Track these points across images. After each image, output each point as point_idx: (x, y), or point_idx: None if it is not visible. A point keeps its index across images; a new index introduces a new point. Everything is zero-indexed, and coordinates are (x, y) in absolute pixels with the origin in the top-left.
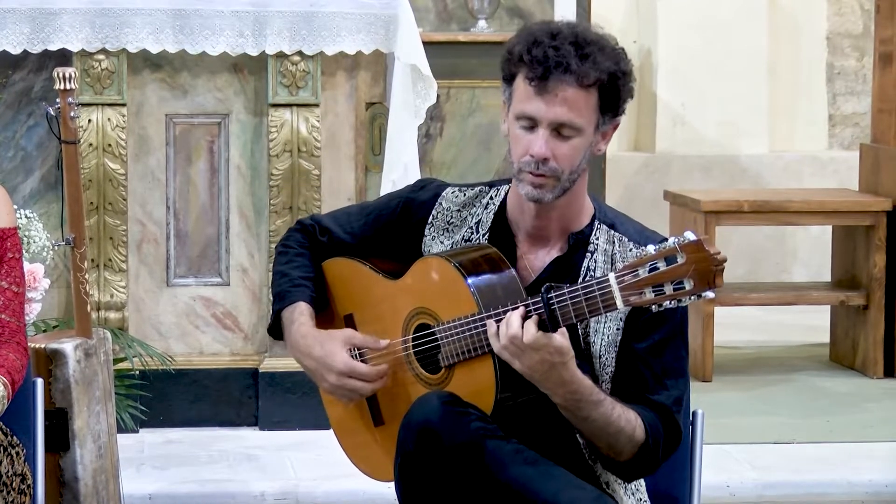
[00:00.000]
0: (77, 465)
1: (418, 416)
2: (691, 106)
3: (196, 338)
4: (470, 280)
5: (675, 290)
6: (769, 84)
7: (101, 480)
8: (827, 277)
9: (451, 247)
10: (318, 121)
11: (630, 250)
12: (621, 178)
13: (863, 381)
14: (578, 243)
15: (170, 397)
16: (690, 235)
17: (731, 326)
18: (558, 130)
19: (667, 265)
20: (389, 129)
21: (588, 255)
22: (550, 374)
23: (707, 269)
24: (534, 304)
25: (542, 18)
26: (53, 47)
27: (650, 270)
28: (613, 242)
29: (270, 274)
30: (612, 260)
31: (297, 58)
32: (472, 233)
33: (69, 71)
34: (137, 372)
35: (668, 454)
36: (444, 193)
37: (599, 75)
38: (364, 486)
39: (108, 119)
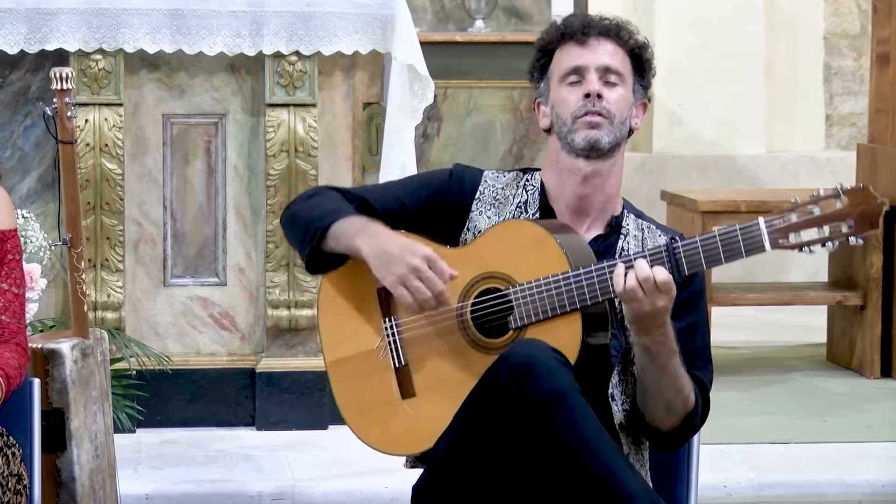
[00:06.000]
0: (74, 465)
1: (520, 352)
2: (688, 106)
3: (193, 338)
4: (559, 239)
5: (831, 232)
6: (766, 84)
7: (97, 480)
8: (824, 278)
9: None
10: (316, 121)
11: (659, 236)
12: None
13: (860, 382)
14: (616, 227)
15: (167, 397)
16: (847, 185)
17: (729, 326)
18: (605, 78)
19: (820, 211)
20: (386, 129)
21: (622, 237)
22: (664, 318)
23: (872, 211)
24: (652, 254)
25: (539, 18)
26: (50, 47)
27: (801, 216)
28: (643, 230)
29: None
30: (642, 245)
31: (294, 58)
32: (521, 212)
33: (66, 71)
34: (134, 372)
35: (696, 431)
36: (484, 174)
37: (631, 39)
38: (361, 486)
39: (105, 119)
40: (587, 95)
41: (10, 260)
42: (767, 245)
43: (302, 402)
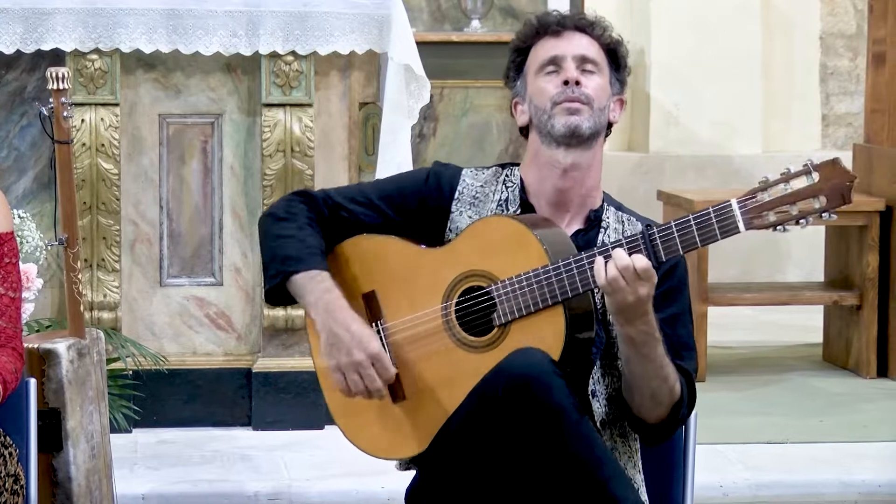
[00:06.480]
0: (70, 465)
1: (520, 364)
2: (685, 106)
3: (189, 338)
4: (538, 234)
5: (804, 209)
6: (763, 84)
7: (94, 480)
8: (820, 278)
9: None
10: (312, 121)
11: (638, 226)
12: (615, 179)
13: (856, 381)
14: (596, 220)
15: (163, 397)
16: (816, 160)
17: (725, 326)
18: (582, 67)
19: (792, 188)
20: (383, 129)
21: (602, 230)
22: (646, 306)
23: (843, 185)
24: (629, 242)
25: None
26: (46, 47)
27: (773, 195)
28: (622, 222)
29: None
30: (623, 237)
31: (290, 58)
32: (501, 209)
33: (62, 71)
34: (130, 372)
35: (684, 421)
36: (462, 172)
37: (605, 34)
38: (357, 486)
39: (102, 119)
40: (566, 83)
41: (6, 263)
42: (742, 226)
43: (298, 402)
